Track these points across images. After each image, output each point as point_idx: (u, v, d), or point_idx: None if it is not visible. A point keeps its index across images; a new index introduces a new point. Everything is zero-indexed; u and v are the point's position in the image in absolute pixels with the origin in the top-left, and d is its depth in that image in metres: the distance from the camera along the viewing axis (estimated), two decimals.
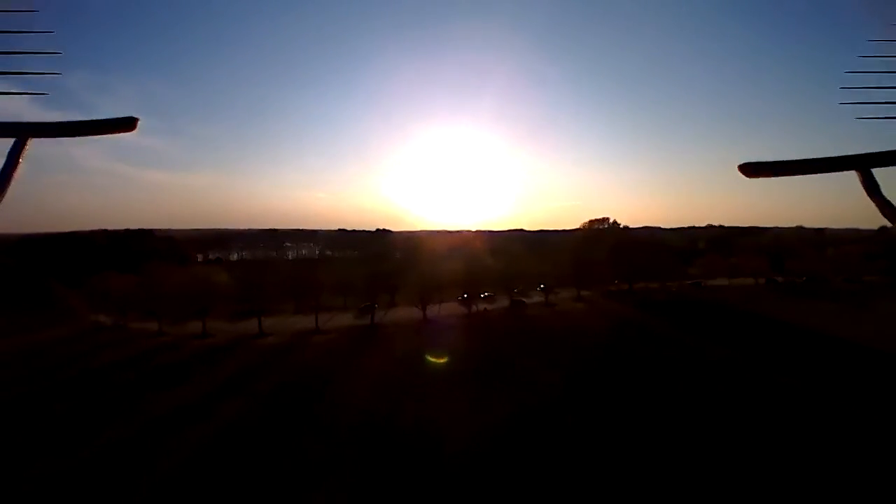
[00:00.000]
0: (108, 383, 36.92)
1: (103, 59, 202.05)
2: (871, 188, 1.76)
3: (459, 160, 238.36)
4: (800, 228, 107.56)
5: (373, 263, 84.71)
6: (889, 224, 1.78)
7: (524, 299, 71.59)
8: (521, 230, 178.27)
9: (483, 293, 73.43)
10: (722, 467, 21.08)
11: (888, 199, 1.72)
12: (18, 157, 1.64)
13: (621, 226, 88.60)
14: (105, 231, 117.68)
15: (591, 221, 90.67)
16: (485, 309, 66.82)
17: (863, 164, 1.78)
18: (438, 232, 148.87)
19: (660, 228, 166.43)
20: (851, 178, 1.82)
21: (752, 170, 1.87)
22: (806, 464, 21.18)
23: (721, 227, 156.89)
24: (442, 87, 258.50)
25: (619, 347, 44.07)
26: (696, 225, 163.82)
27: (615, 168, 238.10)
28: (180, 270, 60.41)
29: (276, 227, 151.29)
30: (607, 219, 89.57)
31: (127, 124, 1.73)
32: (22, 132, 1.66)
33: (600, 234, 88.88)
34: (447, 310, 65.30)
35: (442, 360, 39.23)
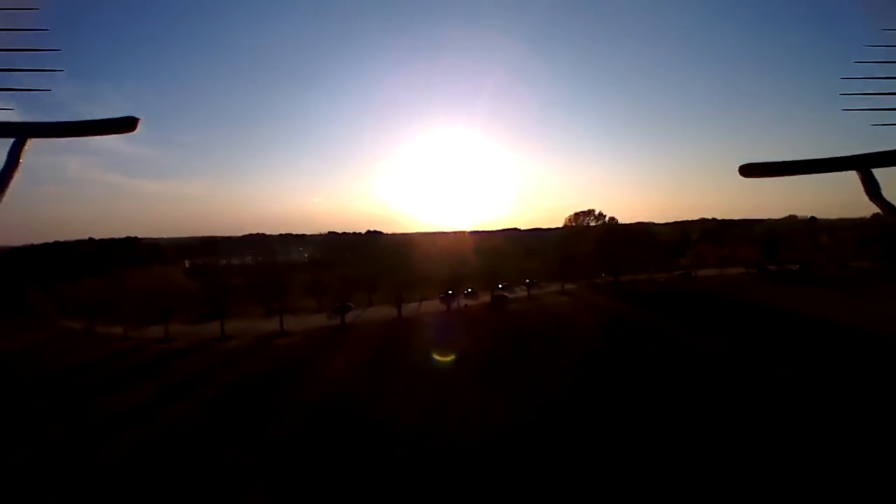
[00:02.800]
0: (64, 386, 36.78)
1: (93, 69, 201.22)
2: (872, 189, 1.70)
3: (455, 162, 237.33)
4: (792, 218, 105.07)
5: (357, 265, 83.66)
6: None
7: (507, 294, 70.10)
8: (516, 229, 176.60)
9: (467, 289, 72.43)
10: (712, 464, 19.06)
11: (888, 199, 1.68)
12: (18, 157, 1.60)
13: (607, 217, 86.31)
14: (91, 240, 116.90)
15: (576, 214, 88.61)
16: (465, 305, 65.27)
17: (863, 165, 1.73)
18: (431, 233, 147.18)
19: (654, 224, 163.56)
20: (846, 171, 1.79)
21: (751, 170, 1.84)
22: (802, 457, 19.23)
23: (714, 220, 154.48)
24: (436, 89, 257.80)
25: (598, 338, 42.22)
26: (690, 219, 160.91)
27: (609, 166, 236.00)
28: (148, 275, 58.97)
29: (265, 232, 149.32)
30: (592, 211, 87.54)
31: (127, 124, 1.67)
32: (22, 132, 1.63)
33: (586, 226, 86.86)
34: (427, 307, 63.65)
35: (449, 358, 37.52)
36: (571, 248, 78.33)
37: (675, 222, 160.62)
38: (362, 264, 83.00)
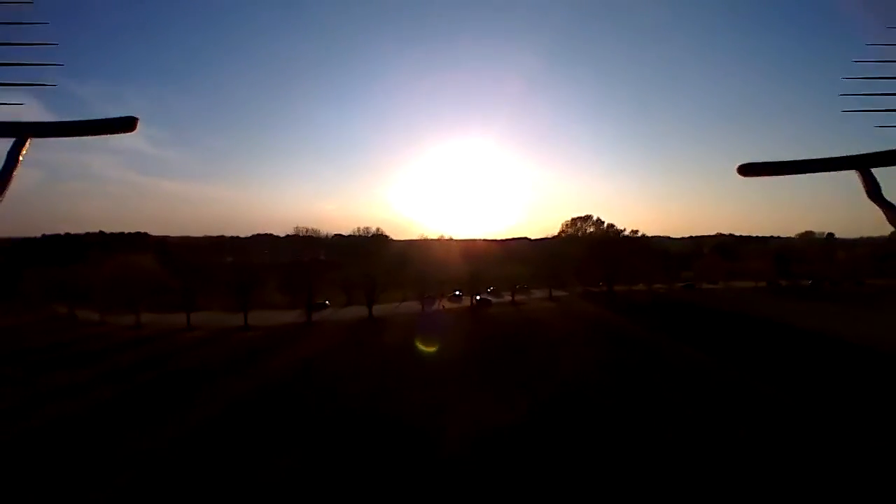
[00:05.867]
0: (27, 362, 37.74)
1: (116, 70, 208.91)
2: (872, 189, 1.72)
3: (469, 172, 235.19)
4: (809, 234, 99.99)
5: (352, 266, 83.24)
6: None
7: (490, 298, 68.30)
8: (526, 238, 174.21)
9: (455, 292, 71.29)
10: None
11: (889, 199, 1.69)
12: (18, 157, 1.63)
13: (605, 224, 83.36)
14: (101, 233, 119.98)
15: (573, 219, 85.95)
16: (443, 306, 63.86)
17: (863, 165, 1.74)
18: (437, 240, 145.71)
19: (669, 238, 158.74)
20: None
21: (750, 170, 1.81)
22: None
23: (731, 235, 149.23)
24: (454, 99, 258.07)
25: (568, 344, 39.93)
26: (706, 234, 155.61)
27: (624, 179, 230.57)
28: (130, 266, 59.60)
29: (272, 233, 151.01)
30: (591, 216, 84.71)
31: (127, 125, 1.69)
32: (22, 132, 1.65)
33: (582, 232, 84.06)
34: (404, 308, 62.44)
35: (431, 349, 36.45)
36: (565, 254, 75.68)
37: (691, 237, 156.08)
38: (358, 266, 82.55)
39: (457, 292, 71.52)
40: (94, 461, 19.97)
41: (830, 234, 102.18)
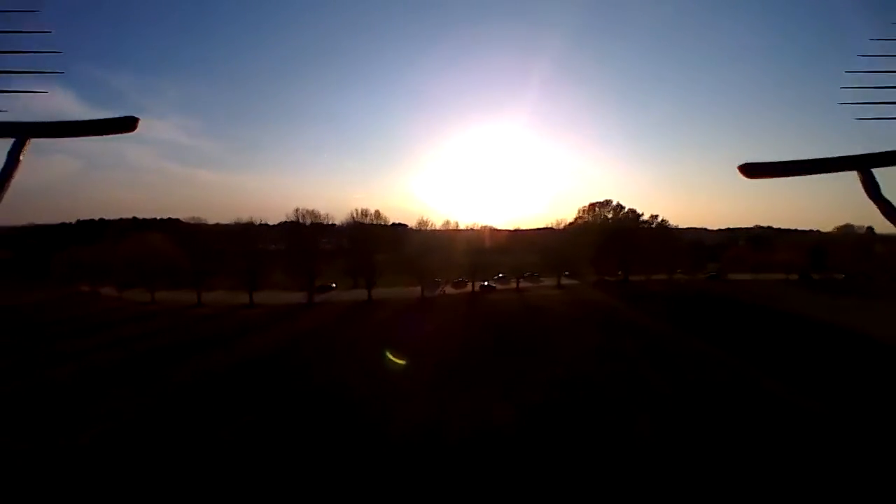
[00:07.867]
0: (45, 331, 40.40)
1: (149, 62, 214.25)
2: (872, 189, 1.73)
3: (496, 161, 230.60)
4: (848, 227, 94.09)
5: (367, 253, 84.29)
6: None
7: (495, 285, 67.66)
8: (550, 228, 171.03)
9: (459, 279, 71.06)
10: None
11: (888, 199, 1.70)
12: (18, 157, 1.65)
13: (625, 209, 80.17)
14: (135, 218, 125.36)
15: (591, 205, 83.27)
16: (444, 291, 63.75)
17: (863, 165, 1.75)
18: (459, 230, 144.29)
19: (706, 229, 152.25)
20: None
21: (751, 170, 1.79)
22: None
23: (770, 227, 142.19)
24: (481, 88, 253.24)
25: (561, 331, 38.87)
26: (744, 226, 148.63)
27: (661, 168, 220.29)
28: (152, 247, 61.97)
29: (294, 221, 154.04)
30: (610, 201, 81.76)
31: (127, 125, 1.72)
32: (22, 132, 1.67)
33: (600, 218, 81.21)
34: (407, 293, 62.61)
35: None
36: (579, 241, 73.30)
37: (728, 228, 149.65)
38: (367, 252, 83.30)
39: (460, 279, 71.25)
40: (73, 415, 21.43)
41: (870, 228, 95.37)
